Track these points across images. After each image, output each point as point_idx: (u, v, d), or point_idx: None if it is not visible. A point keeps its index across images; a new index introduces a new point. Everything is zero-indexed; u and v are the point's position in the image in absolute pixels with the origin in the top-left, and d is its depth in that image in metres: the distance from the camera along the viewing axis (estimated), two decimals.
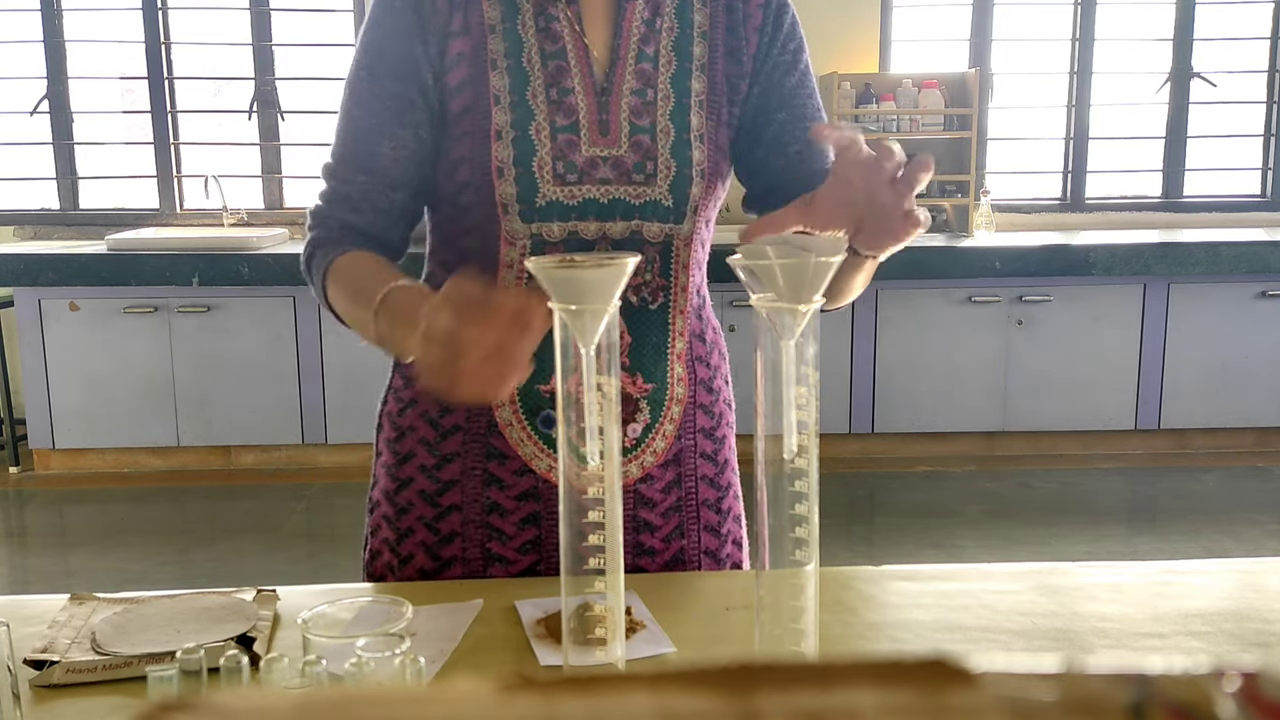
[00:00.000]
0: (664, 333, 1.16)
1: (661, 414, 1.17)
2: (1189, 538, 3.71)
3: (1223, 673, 0.24)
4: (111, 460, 4.45)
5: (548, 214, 1.10)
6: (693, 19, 1.15)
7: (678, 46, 1.14)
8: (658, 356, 1.16)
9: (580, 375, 0.79)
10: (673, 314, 1.17)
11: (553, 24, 1.12)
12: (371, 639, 0.73)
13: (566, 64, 1.12)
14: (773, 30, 1.17)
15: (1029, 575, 1.13)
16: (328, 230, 1.12)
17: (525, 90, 1.11)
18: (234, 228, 4.74)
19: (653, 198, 1.12)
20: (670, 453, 1.18)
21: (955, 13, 4.90)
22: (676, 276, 1.16)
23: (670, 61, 1.14)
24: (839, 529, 3.78)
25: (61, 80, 4.84)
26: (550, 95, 1.11)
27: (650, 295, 1.14)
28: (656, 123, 1.12)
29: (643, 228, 1.12)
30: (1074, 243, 4.39)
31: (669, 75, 1.14)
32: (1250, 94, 5.01)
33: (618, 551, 0.83)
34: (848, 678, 0.23)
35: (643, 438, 1.16)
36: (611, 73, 1.13)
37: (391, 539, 1.20)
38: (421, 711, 0.23)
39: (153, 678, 0.74)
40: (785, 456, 0.80)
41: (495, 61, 1.11)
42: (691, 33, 1.15)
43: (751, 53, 1.17)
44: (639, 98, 1.13)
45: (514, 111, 1.10)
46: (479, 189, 1.10)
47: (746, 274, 0.77)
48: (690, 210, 1.14)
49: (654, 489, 1.18)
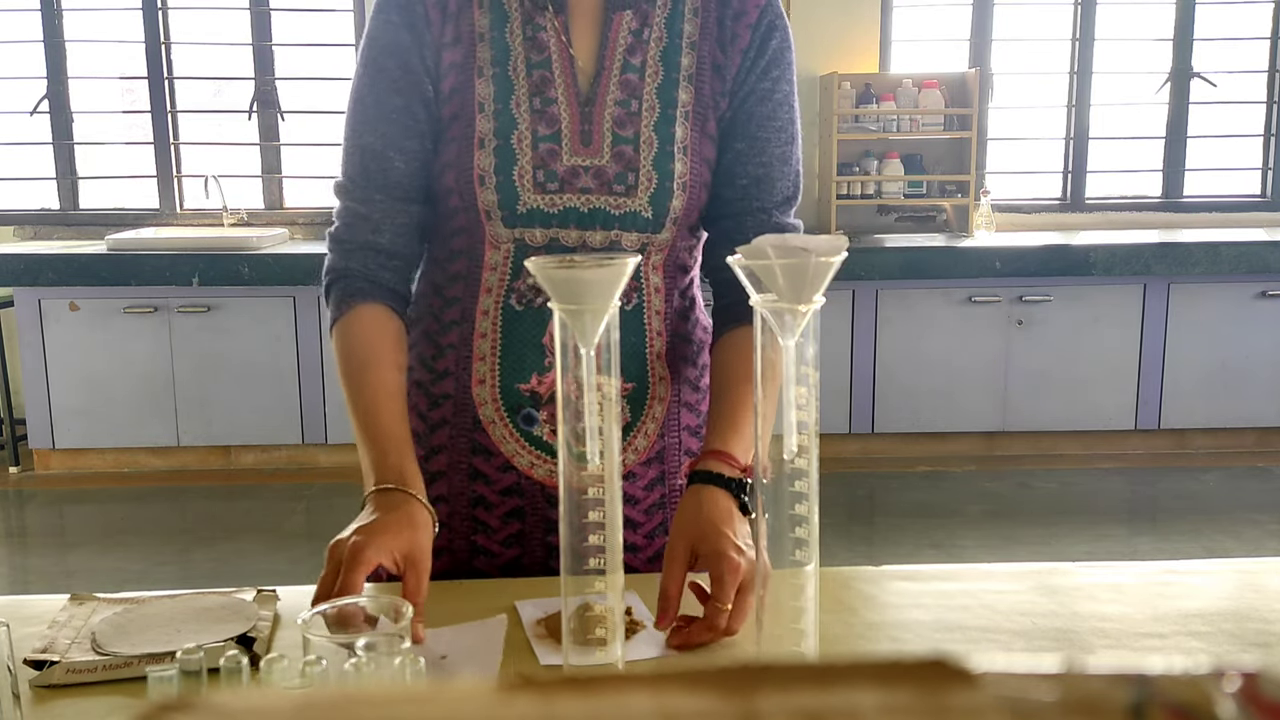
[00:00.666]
0: (640, 333, 1.18)
1: (643, 413, 1.19)
2: (1189, 538, 3.71)
3: (1223, 673, 0.24)
4: (111, 460, 4.45)
5: (529, 220, 1.12)
6: (682, 29, 1.15)
7: (665, 57, 1.15)
8: (634, 356, 1.18)
9: (580, 375, 0.79)
10: (648, 315, 1.18)
11: (540, 33, 1.13)
12: (371, 639, 0.73)
13: (551, 74, 1.13)
14: (755, 55, 1.16)
15: (1029, 575, 1.13)
16: (348, 258, 1.16)
17: (509, 99, 1.12)
18: (234, 228, 4.75)
19: (632, 209, 1.13)
20: (653, 450, 1.20)
21: (955, 13, 4.90)
22: (648, 278, 1.17)
23: (657, 72, 1.14)
24: (839, 529, 3.78)
25: (61, 80, 4.84)
26: (534, 104, 1.12)
27: (624, 298, 1.15)
28: (640, 133, 1.13)
29: (621, 237, 1.14)
30: (1074, 243, 4.39)
31: (655, 86, 1.14)
32: (1250, 94, 5.01)
33: (618, 551, 0.83)
34: (848, 678, 0.23)
35: (624, 435, 1.18)
36: (596, 83, 1.13)
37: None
38: (421, 711, 0.23)
39: (153, 678, 0.74)
40: (785, 456, 0.80)
41: (482, 69, 1.12)
42: (680, 43, 1.15)
43: (733, 73, 1.16)
44: (623, 108, 1.13)
45: (497, 120, 1.12)
46: (463, 194, 1.13)
47: (746, 274, 0.77)
48: (670, 221, 1.15)
49: (636, 486, 1.20)
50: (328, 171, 4.88)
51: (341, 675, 0.72)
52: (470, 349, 1.17)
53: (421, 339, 1.21)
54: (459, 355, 1.18)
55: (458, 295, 1.18)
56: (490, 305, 1.16)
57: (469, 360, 1.17)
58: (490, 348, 1.16)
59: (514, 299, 1.15)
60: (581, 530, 0.82)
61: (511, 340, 1.16)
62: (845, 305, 4.36)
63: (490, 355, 1.16)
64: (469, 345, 1.17)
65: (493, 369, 1.17)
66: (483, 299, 1.16)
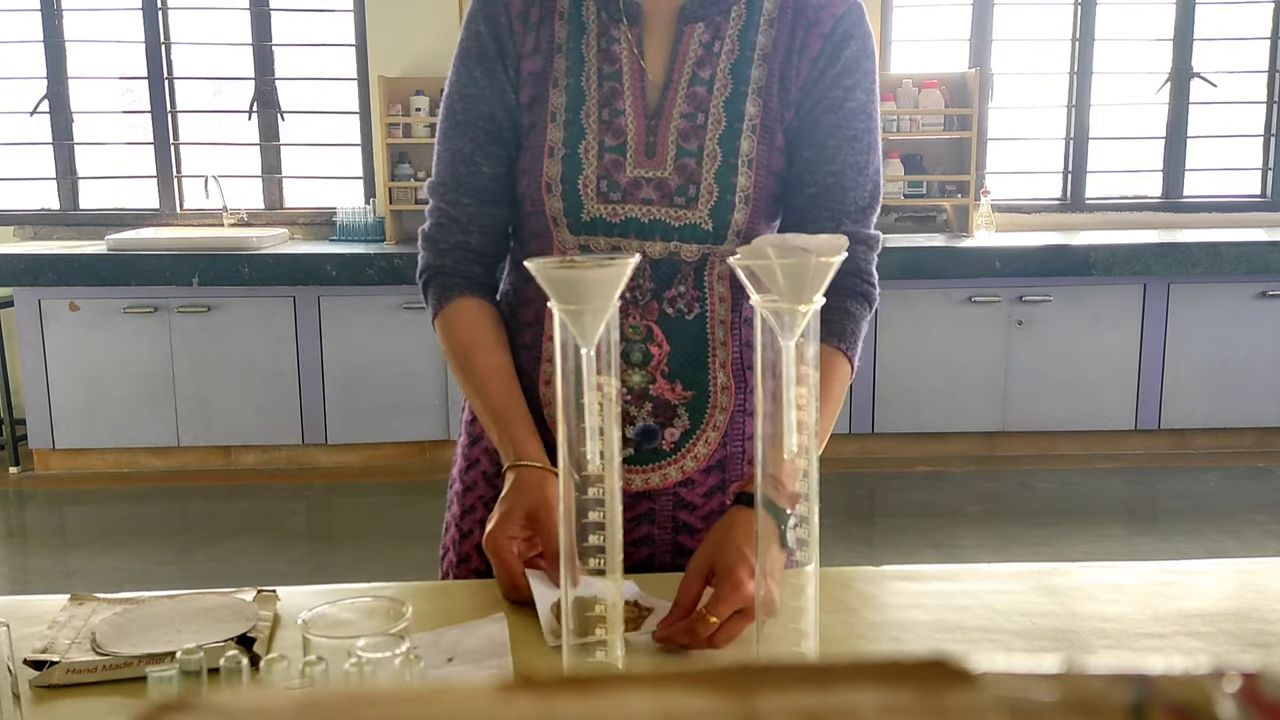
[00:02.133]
0: (702, 342, 1.18)
1: (704, 420, 1.20)
2: (1189, 538, 3.71)
3: (1223, 673, 0.24)
4: (111, 460, 4.45)
5: (593, 228, 1.15)
6: (755, 40, 1.16)
7: (735, 70, 1.15)
8: (696, 365, 1.18)
9: (579, 375, 0.79)
10: (710, 324, 1.18)
11: (613, 45, 1.15)
12: (371, 639, 0.73)
13: (620, 86, 1.15)
14: (826, 63, 1.16)
15: (1029, 575, 1.13)
16: (442, 256, 1.22)
17: (580, 109, 1.15)
18: (234, 228, 4.75)
19: (692, 221, 1.14)
20: (713, 459, 1.21)
21: (955, 13, 4.90)
22: (712, 288, 1.18)
23: (726, 85, 1.15)
24: (839, 529, 3.78)
25: (61, 80, 4.84)
26: (602, 115, 1.15)
27: (686, 306, 1.17)
28: (704, 147, 1.14)
29: (680, 249, 1.15)
30: (1074, 243, 4.39)
31: (723, 99, 1.15)
32: (1250, 94, 5.01)
33: (617, 551, 0.83)
34: (848, 678, 0.23)
35: (682, 442, 1.19)
36: (664, 96, 1.15)
37: (456, 538, 1.27)
38: (421, 711, 0.23)
39: (153, 678, 0.74)
40: (785, 456, 0.80)
41: (557, 80, 1.16)
42: (752, 55, 1.15)
43: (800, 83, 1.16)
44: (689, 121, 1.15)
45: (567, 129, 1.15)
46: (533, 200, 1.17)
47: (746, 274, 0.77)
48: (733, 234, 1.15)
49: (695, 493, 1.21)
50: (328, 171, 4.88)
51: (341, 675, 0.72)
52: (540, 349, 1.20)
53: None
54: (530, 355, 1.21)
55: (532, 297, 1.21)
56: None
57: (538, 361, 1.20)
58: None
59: None
60: (582, 530, 0.82)
61: None
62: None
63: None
64: (539, 346, 1.20)
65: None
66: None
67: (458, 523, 1.27)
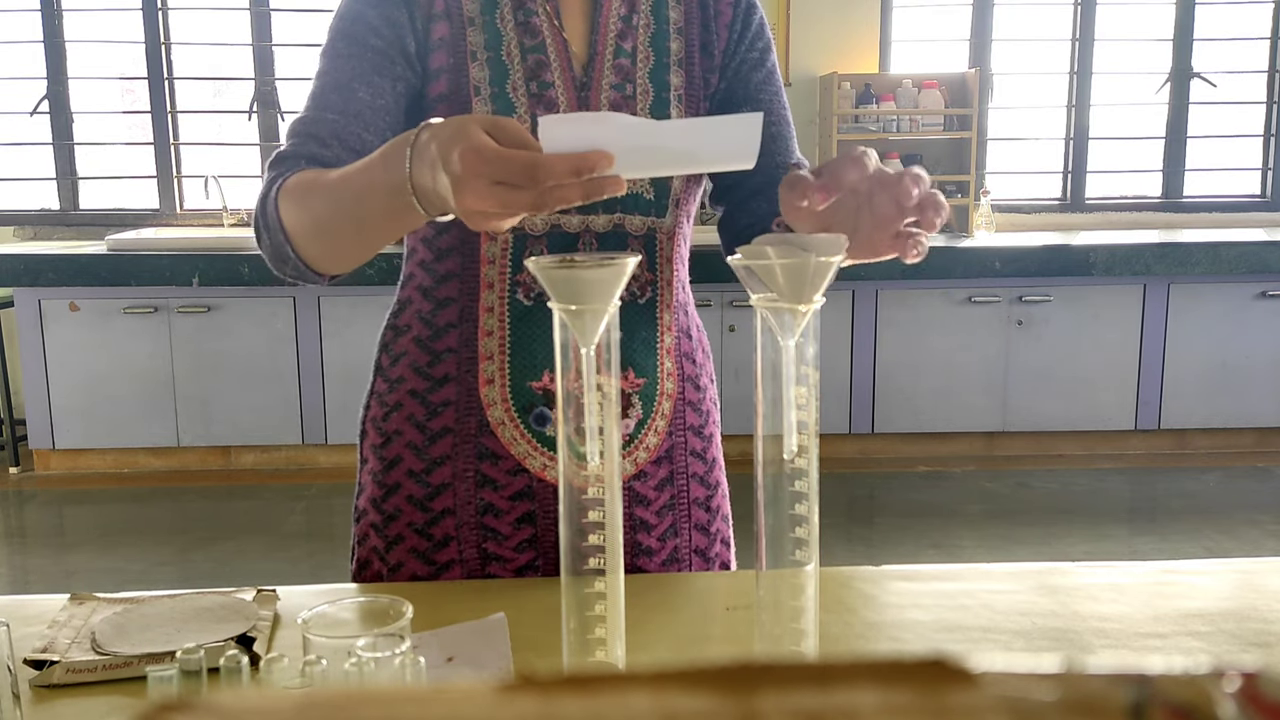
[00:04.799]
0: (653, 327, 1.16)
1: (653, 409, 1.17)
2: (1189, 538, 3.71)
3: (1223, 673, 0.24)
4: (111, 460, 4.45)
5: None
6: (668, 15, 1.17)
7: (654, 42, 1.16)
8: (648, 351, 1.16)
9: (579, 374, 0.79)
10: (660, 308, 1.17)
11: (531, 18, 1.13)
12: (371, 639, 0.73)
13: (546, 58, 1.12)
14: (741, 28, 1.19)
15: (1029, 575, 1.13)
16: (288, 168, 1.06)
17: (505, 83, 1.11)
18: (234, 228, 4.74)
19: (634, 190, 1.13)
20: (663, 449, 1.18)
21: (955, 13, 4.90)
22: (662, 270, 1.17)
23: (648, 57, 1.16)
24: (839, 529, 3.78)
25: (61, 80, 4.84)
26: (530, 88, 1.11)
27: (639, 290, 1.14)
28: (637, 116, 1.13)
29: (625, 221, 1.13)
30: (1074, 243, 4.39)
31: (647, 70, 1.15)
32: (1250, 94, 5.01)
33: (618, 551, 0.83)
34: (848, 678, 0.23)
35: (636, 433, 1.16)
36: (590, 67, 1.14)
37: (380, 547, 1.18)
38: (421, 711, 0.23)
39: (153, 678, 0.74)
40: (785, 456, 0.80)
41: (475, 53, 1.11)
42: (668, 29, 1.17)
43: (721, 48, 1.19)
44: (618, 92, 1.14)
45: (494, 104, 1.10)
46: None
47: (746, 274, 0.77)
48: (672, 203, 1.15)
49: (648, 486, 1.18)
50: None
51: (341, 675, 0.72)
52: (474, 349, 1.13)
53: (413, 347, 1.17)
54: (460, 358, 1.14)
55: (452, 295, 1.14)
56: (494, 301, 1.13)
57: (473, 361, 1.13)
58: (498, 345, 1.13)
59: (521, 293, 1.12)
60: (581, 530, 0.82)
61: (521, 336, 1.13)
62: (845, 305, 4.36)
63: (499, 353, 1.13)
64: (472, 346, 1.13)
65: (501, 368, 1.13)
66: (484, 295, 1.13)
67: (381, 529, 1.18)
